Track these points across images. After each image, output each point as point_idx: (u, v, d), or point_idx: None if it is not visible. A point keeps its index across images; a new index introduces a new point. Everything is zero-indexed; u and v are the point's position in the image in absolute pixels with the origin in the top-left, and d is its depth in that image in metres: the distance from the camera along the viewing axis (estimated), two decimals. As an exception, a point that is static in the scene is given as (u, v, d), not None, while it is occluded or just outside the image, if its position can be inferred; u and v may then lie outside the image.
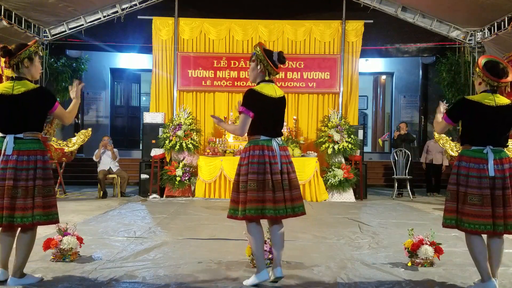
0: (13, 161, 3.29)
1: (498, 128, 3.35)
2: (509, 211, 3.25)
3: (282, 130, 3.63)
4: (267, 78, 3.53)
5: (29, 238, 3.38)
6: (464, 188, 3.30)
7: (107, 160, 9.45)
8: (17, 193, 3.28)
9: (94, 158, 9.53)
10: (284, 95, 3.58)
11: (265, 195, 3.35)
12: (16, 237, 3.40)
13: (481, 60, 3.48)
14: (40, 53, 3.56)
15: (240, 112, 3.47)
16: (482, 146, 3.33)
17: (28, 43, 3.45)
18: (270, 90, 3.47)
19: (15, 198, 3.27)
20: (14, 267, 3.35)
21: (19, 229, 3.36)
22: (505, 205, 3.25)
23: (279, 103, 3.52)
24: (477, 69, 3.43)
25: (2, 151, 3.31)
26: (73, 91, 3.64)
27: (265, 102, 3.43)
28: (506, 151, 3.43)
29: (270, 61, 3.47)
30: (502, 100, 3.38)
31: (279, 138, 3.54)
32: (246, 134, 3.56)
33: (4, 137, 3.35)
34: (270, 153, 3.42)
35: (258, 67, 3.50)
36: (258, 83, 3.53)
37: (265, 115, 3.46)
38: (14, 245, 3.40)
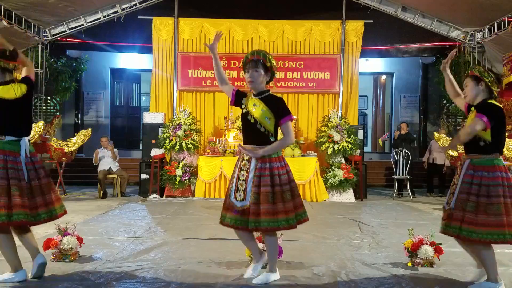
0: (28, 162, 3.44)
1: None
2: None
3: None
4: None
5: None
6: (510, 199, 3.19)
7: (107, 160, 9.46)
8: (35, 191, 3.42)
9: (93, 162, 9.54)
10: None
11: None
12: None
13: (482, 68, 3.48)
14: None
15: (290, 120, 3.39)
16: (501, 154, 3.32)
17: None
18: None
19: (34, 197, 3.39)
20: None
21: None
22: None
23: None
24: (483, 71, 3.34)
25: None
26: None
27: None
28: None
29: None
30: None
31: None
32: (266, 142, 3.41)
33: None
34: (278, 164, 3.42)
35: (267, 74, 3.51)
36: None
37: None
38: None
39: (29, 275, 3.45)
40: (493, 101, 3.32)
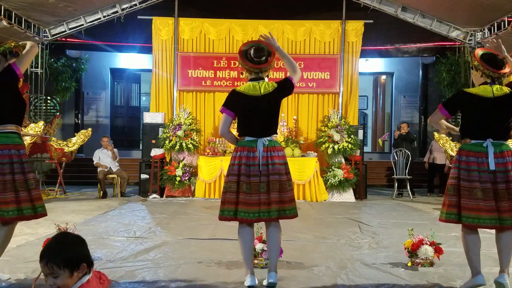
0: None
1: (497, 120, 3.31)
2: None
3: (273, 129, 3.51)
4: (251, 77, 3.52)
5: (5, 232, 3.34)
6: (467, 182, 3.24)
7: (107, 160, 9.46)
8: None
9: (95, 164, 9.54)
10: (272, 91, 3.46)
11: (239, 197, 3.32)
12: None
13: (478, 52, 3.46)
14: (15, 51, 3.43)
15: (220, 112, 3.50)
16: (482, 139, 3.29)
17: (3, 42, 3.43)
18: (253, 89, 3.44)
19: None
20: None
21: None
22: (510, 199, 3.20)
23: (264, 101, 3.43)
24: (475, 62, 3.40)
25: None
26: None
27: (246, 102, 3.42)
28: (509, 144, 3.37)
29: (245, 60, 3.47)
30: (501, 90, 3.33)
31: (267, 138, 3.42)
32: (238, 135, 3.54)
33: None
34: (251, 154, 3.37)
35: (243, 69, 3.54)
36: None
37: (247, 115, 3.45)
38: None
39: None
40: (473, 89, 3.40)
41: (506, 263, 3.28)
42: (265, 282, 3.38)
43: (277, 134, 3.54)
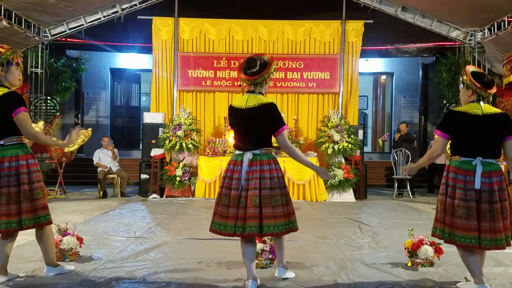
0: None
1: (487, 138, 3.29)
2: (498, 226, 3.16)
3: (262, 141, 3.36)
4: (247, 90, 3.45)
5: (9, 243, 3.43)
6: (452, 199, 3.25)
7: (107, 160, 9.46)
8: (0, 200, 3.28)
9: (95, 164, 9.53)
10: (259, 105, 3.29)
11: (228, 211, 3.29)
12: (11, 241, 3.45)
13: (468, 69, 3.45)
14: (19, 61, 3.49)
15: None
16: (471, 157, 3.28)
17: (3, 47, 3.41)
18: (240, 101, 3.39)
19: None
20: (45, 261, 3.60)
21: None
22: (492, 219, 3.17)
23: (249, 114, 3.31)
24: (467, 80, 3.37)
25: None
26: (71, 138, 3.59)
27: (235, 115, 3.40)
28: (498, 163, 3.37)
29: (240, 71, 3.42)
30: (489, 109, 3.34)
31: (253, 152, 3.30)
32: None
33: None
34: (236, 168, 3.33)
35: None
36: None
37: (236, 128, 3.43)
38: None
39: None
40: (463, 107, 3.37)
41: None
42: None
43: (268, 147, 3.39)
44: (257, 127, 3.34)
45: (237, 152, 3.40)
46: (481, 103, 3.35)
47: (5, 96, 3.33)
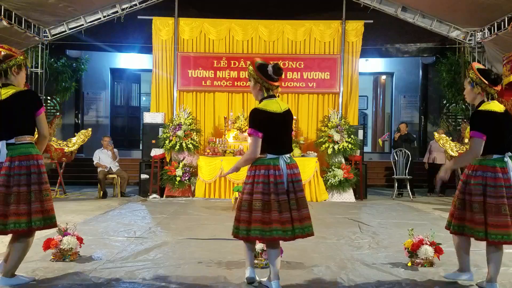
0: (6, 167, 3.28)
1: (509, 134, 3.37)
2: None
3: (291, 146, 3.51)
4: (266, 94, 3.40)
5: (25, 244, 3.36)
6: (494, 199, 3.22)
7: (107, 160, 9.46)
8: (10, 199, 3.26)
9: (95, 164, 9.53)
10: (289, 109, 3.45)
11: (271, 216, 3.21)
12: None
13: (475, 67, 3.44)
14: (28, 65, 3.55)
15: (249, 135, 3.37)
16: (502, 154, 3.33)
17: (16, 53, 3.45)
18: (274, 106, 3.36)
19: (8, 205, 3.25)
20: (5, 268, 3.35)
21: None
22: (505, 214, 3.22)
23: (285, 118, 3.40)
24: (477, 78, 3.34)
25: None
26: None
27: (271, 120, 3.33)
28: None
29: (265, 77, 3.34)
30: (501, 106, 3.40)
31: (287, 156, 3.37)
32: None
33: None
34: (276, 173, 3.28)
35: (256, 85, 3.40)
36: (260, 101, 3.42)
37: (271, 132, 3.33)
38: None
39: None
40: (485, 106, 3.35)
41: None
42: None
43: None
44: (289, 131, 3.53)
45: (270, 156, 3.33)
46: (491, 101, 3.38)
47: (24, 94, 3.36)
